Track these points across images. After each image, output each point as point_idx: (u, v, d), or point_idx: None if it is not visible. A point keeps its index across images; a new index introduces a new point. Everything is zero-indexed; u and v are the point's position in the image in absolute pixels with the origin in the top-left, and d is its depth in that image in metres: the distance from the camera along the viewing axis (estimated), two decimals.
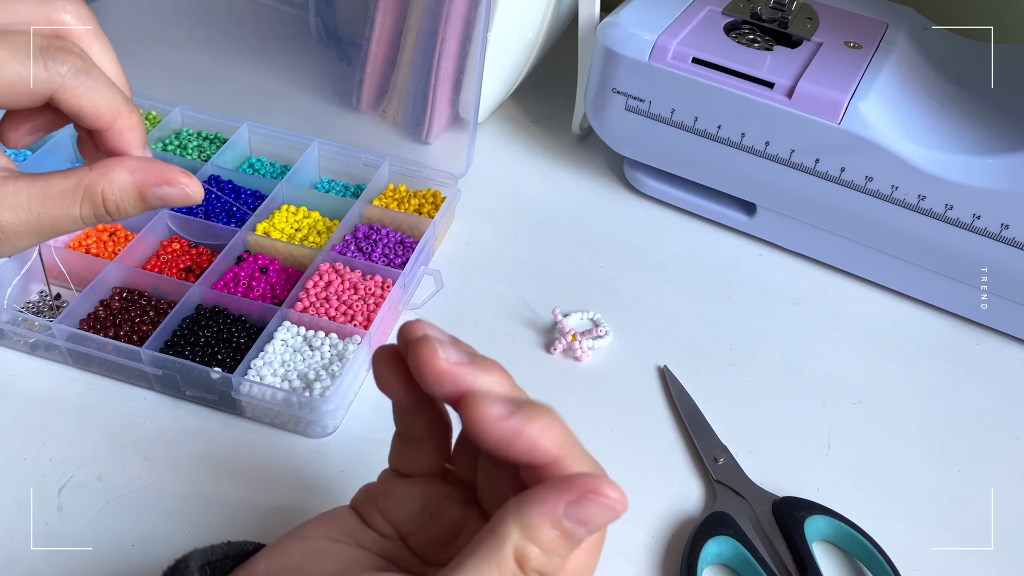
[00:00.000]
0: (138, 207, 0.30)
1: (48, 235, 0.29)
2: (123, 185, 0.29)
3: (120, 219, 0.30)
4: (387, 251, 0.51)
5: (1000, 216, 0.47)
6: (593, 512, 0.23)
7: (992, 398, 0.49)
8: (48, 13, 0.29)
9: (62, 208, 0.29)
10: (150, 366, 0.43)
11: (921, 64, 0.55)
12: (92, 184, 0.29)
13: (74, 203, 0.29)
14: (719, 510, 0.40)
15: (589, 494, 0.23)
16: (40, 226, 0.29)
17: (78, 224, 0.29)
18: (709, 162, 0.55)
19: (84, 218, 0.29)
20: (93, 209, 0.29)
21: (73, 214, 0.29)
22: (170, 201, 0.30)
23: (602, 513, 0.23)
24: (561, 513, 0.23)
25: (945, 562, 0.41)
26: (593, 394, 0.47)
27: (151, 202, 0.30)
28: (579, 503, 0.23)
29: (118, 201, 0.29)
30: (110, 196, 0.29)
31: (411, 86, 0.56)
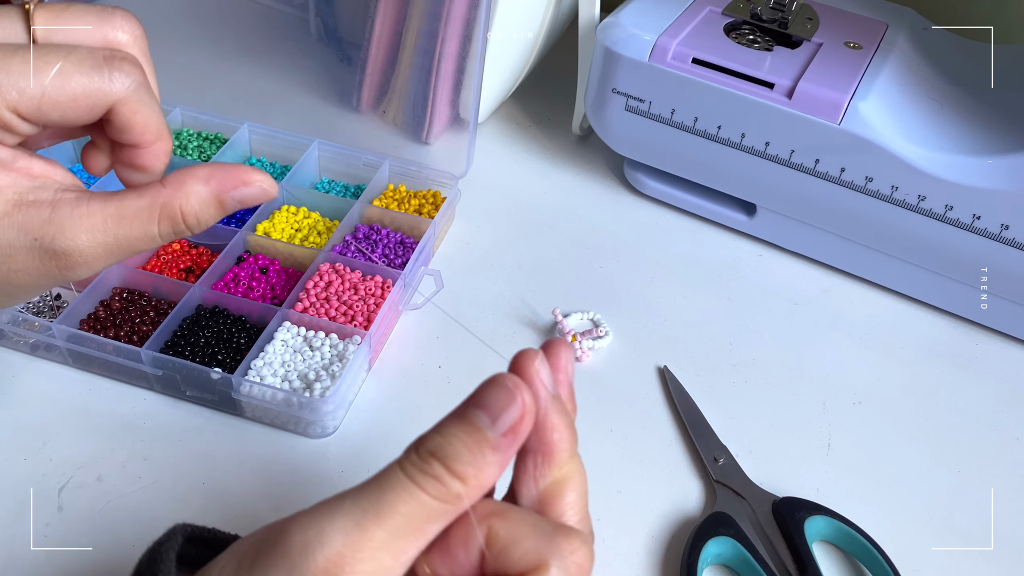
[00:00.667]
0: (217, 215, 0.29)
1: (124, 255, 0.29)
2: (201, 197, 0.29)
3: (199, 231, 0.29)
4: (387, 251, 0.51)
5: (1000, 216, 0.47)
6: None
7: (992, 398, 0.49)
8: (105, 32, 0.29)
9: (139, 228, 0.28)
10: (150, 366, 0.43)
11: (921, 64, 0.55)
12: (168, 201, 0.28)
13: (151, 222, 0.28)
14: (719, 510, 0.40)
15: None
16: (118, 247, 0.28)
17: (156, 242, 0.29)
18: (709, 162, 0.55)
19: (163, 236, 0.29)
20: (172, 226, 0.29)
21: (151, 233, 0.29)
22: (248, 201, 0.30)
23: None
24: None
25: (945, 562, 0.41)
26: (593, 394, 0.47)
27: (229, 207, 0.29)
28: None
29: (198, 214, 0.29)
30: (189, 210, 0.29)
31: (411, 86, 0.56)
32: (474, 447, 0.23)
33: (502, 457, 0.23)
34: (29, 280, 0.28)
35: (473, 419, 0.23)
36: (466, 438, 0.23)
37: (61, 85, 0.27)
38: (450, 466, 0.23)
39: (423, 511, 0.23)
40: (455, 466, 0.23)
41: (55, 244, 0.27)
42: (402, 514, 0.23)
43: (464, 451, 0.23)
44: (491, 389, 0.23)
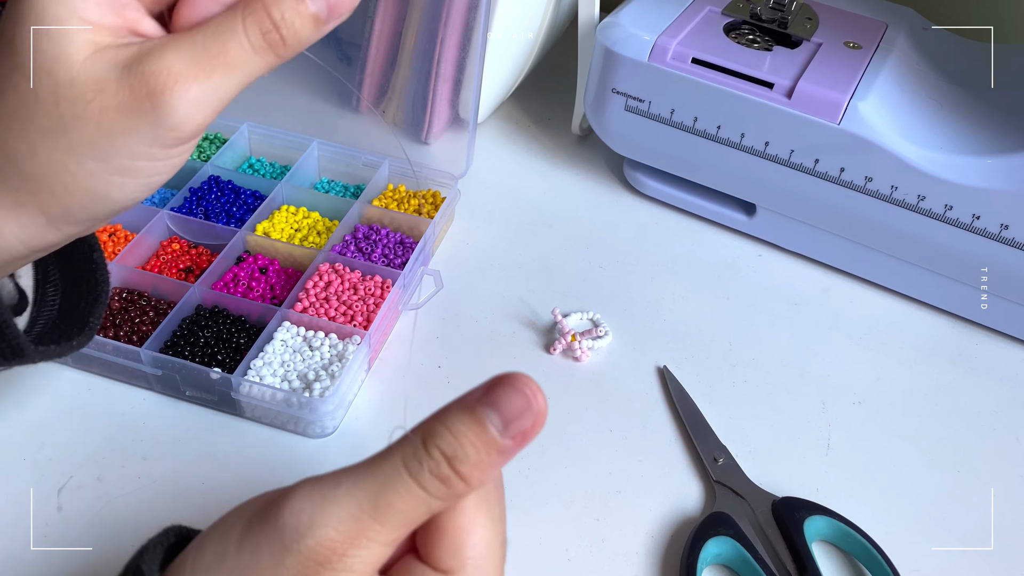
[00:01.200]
0: (304, 14, 0.27)
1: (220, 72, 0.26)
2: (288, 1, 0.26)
3: (289, 39, 0.27)
4: (387, 251, 0.51)
5: (1000, 216, 0.47)
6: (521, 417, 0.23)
7: (992, 398, 0.49)
8: None
9: (226, 32, 0.26)
10: (150, 366, 0.43)
11: (921, 64, 0.55)
12: (251, 1, 0.26)
13: (236, 22, 0.26)
14: (719, 510, 0.40)
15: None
16: (209, 61, 0.26)
17: (247, 50, 0.26)
18: (709, 162, 0.55)
19: (251, 37, 0.26)
20: (258, 23, 0.26)
21: (239, 38, 0.26)
22: (342, 7, 0.27)
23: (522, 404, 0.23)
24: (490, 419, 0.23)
25: (945, 562, 0.41)
26: (593, 394, 0.47)
27: (318, 11, 0.27)
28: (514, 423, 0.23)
29: (283, 11, 0.26)
30: (273, 5, 0.26)
31: (411, 86, 0.56)
32: (483, 449, 0.22)
33: (505, 461, 0.23)
34: (122, 120, 0.26)
35: (484, 420, 0.22)
36: (476, 440, 0.22)
37: None
38: (458, 468, 0.22)
39: (422, 509, 0.23)
40: (463, 468, 0.22)
41: (143, 65, 0.25)
42: (401, 511, 0.23)
43: (473, 453, 0.22)
44: (506, 391, 0.23)
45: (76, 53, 0.25)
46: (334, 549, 0.22)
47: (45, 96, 0.26)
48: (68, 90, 0.26)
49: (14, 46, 0.26)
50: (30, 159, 0.26)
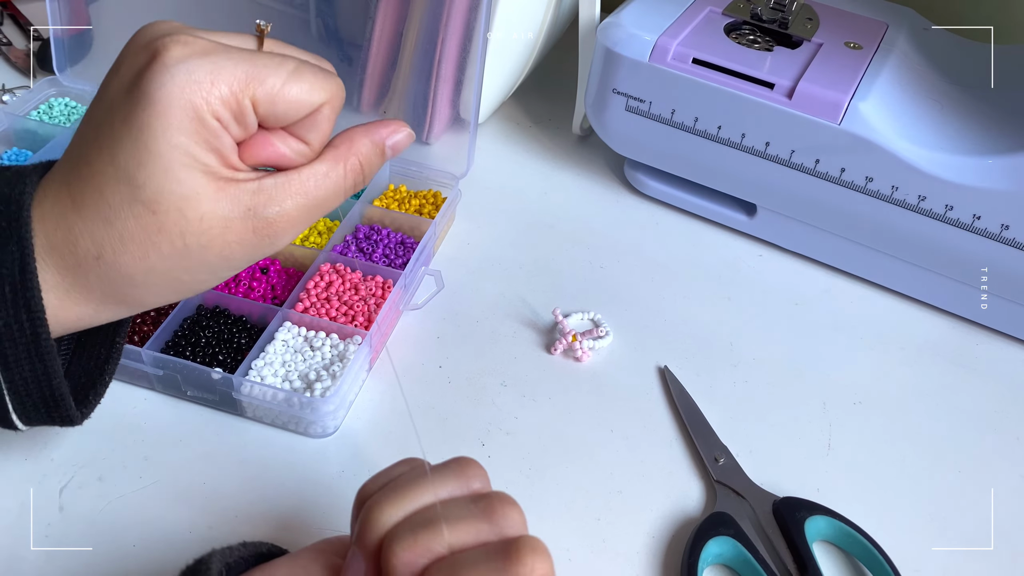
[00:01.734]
0: (381, 163, 0.34)
1: (318, 215, 0.33)
2: (368, 148, 0.34)
3: (369, 179, 0.34)
4: (388, 252, 0.51)
5: (1000, 216, 0.47)
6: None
7: (992, 398, 0.49)
8: None
9: (331, 186, 0.32)
10: (151, 366, 0.43)
11: (921, 65, 0.55)
12: (347, 156, 0.33)
13: (340, 178, 0.33)
14: (719, 510, 0.40)
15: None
16: (316, 207, 0.32)
17: (344, 196, 0.33)
18: (709, 162, 0.55)
19: (347, 188, 0.33)
20: (355, 177, 0.33)
21: (341, 187, 0.33)
22: (400, 145, 0.35)
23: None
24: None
25: (945, 562, 0.41)
26: (593, 395, 0.47)
27: (389, 154, 0.35)
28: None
29: (371, 162, 0.34)
30: (364, 160, 0.33)
31: (412, 87, 0.56)
32: None
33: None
34: (242, 251, 0.31)
35: None
36: None
37: (295, 81, 0.31)
38: None
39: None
40: None
41: (266, 211, 0.31)
42: None
43: None
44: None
45: (203, 192, 0.29)
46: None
47: (171, 228, 0.29)
48: (196, 225, 0.30)
49: (136, 181, 0.29)
50: (146, 275, 0.30)
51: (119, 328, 0.36)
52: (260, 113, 0.31)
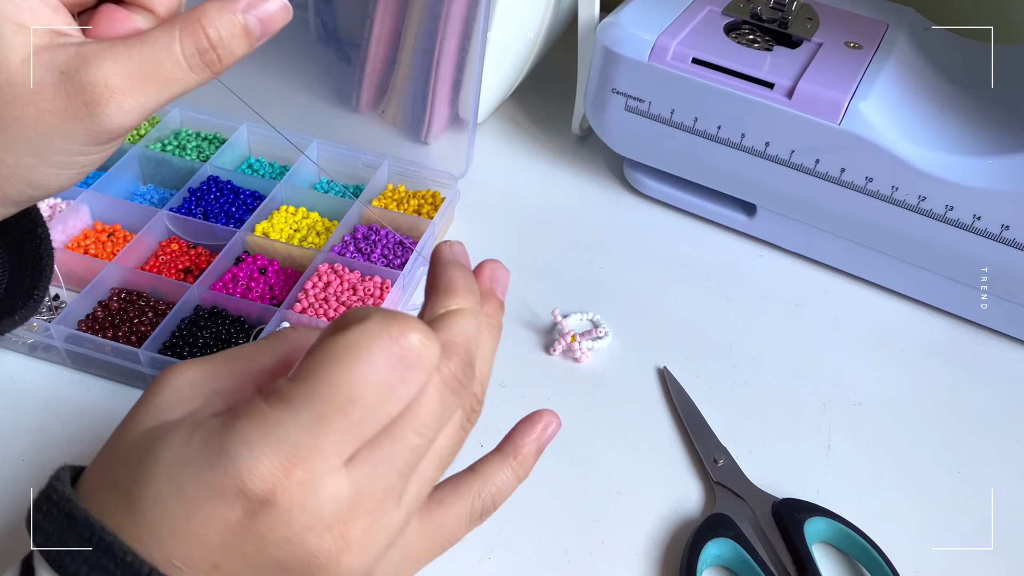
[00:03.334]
0: (241, 36, 0.28)
1: (155, 87, 0.28)
2: (219, 9, 0.28)
3: (224, 57, 0.29)
4: (386, 252, 0.51)
5: (1000, 217, 0.47)
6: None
7: (992, 399, 0.49)
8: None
9: (162, 48, 0.27)
10: (148, 367, 0.43)
11: (921, 64, 0.55)
12: (188, 17, 0.28)
13: (173, 40, 0.28)
14: (719, 512, 0.40)
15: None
16: (144, 74, 0.27)
17: (181, 66, 0.28)
18: (709, 163, 0.55)
19: (187, 55, 0.28)
20: (195, 42, 0.28)
21: (174, 54, 0.27)
22: (271, 22, 0.29)
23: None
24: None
25: (945, 562, 0.41)
26: (592, 395, 0.47)
27: (252, 28, 0.29)
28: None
29: (219, 28, 0.28)
30: (209, 23, 0.28)
31: (410, 86, 0.56)
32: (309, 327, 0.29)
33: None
34: (58, 123, 0.27)
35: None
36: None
37: None
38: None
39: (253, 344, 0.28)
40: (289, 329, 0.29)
41: (80, 75, 0.27)
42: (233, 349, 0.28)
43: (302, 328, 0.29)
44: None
45: (13, 56, 0.26)
46: None
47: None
48: (6, 91, 0.27)
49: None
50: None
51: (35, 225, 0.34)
52: None
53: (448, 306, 0.28)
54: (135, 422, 0.26)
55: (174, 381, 0.27)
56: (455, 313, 0.27)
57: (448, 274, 0.29)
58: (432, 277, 0.29)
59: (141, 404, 0.27)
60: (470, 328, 0.27)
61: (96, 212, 0.52)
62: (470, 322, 0.27)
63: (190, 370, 0.27)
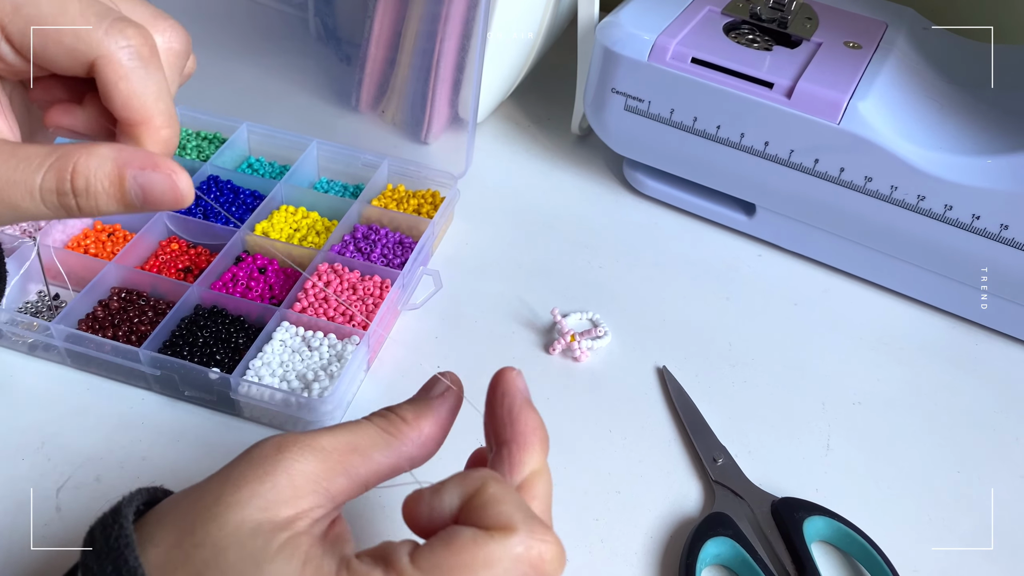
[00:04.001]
0: (113, 193, 0.25)
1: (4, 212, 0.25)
2: (101, 161, 0.25)
3: (85, 209, 0.25)
4: (386, 251, 0.51)
5: (1000, 216, 0.47)
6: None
7: (992, 398, 0.49)
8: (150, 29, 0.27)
9: (22, 172, 0.24)
10: (148, 366, 0.43)
11: (921, 64, 0.55)
12: (67, 153, 0.25)
13: (38, 169, 0.24)
14: (718, 511, 0.40)
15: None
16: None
17: (35, 199, 0.25)
18: (708, 162, 0.55)
19: (43, 190, 0.24)
20: (56, 182, 0.24)
21: (31, 182, 0.24)
22: (152, 192, 0.25)
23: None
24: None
25: (945, 562, 0.41)
26: (592, 395, 0.47)
27: (129, 189, 0.25)
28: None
29: (89, 178, 0.25)
30: (82, 168, 0.25)
31: (410, 86, 0.56)
32: (414, 401, 0.30)
33: (436, 412, 0.29)
34: None
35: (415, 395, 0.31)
36: (410, 400, 0.30)
37: (55, 15, 0.25)
38: (396, 410, 0.29)
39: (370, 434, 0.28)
40: (399, 411, 0.29)
41: None
42: (354, 431, 0.27)
43: (407, 405, 0.30)
44: (428, 380, 0.31)
45: None
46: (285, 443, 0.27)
47: None
48: None
49: None
50: None
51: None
52: (15, 44, 0.25)
53: (532, 465, 0.28)
54: (241, 504, 0.25)
55: (292, 470, 0.25)
56: (539, 477, 0.28)
57: (527, 421, 0.28)
58: (508, 418, 0.29)
59: (252, 483, 0.25)
60: (549, 489, 0.28)
61: None
62: (548, 483, 0.28)
63: (310, 461, 0.26)
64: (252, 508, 0.24)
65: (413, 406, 0.30)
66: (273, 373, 0.43)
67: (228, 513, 0.24)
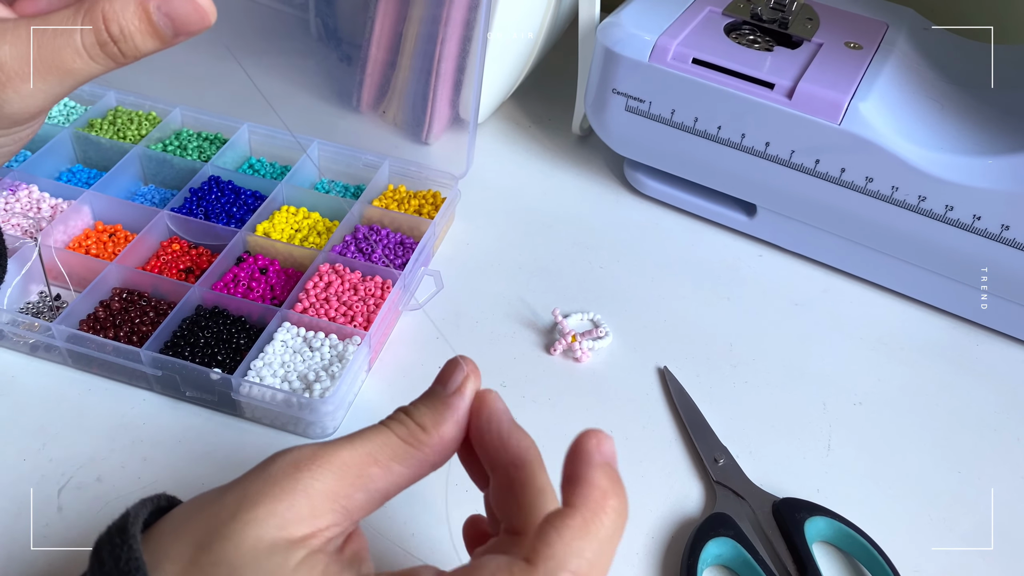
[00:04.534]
0: (144, 29, 0.27)
1: (55, 75, 0.26)
2: (124, 3, 0.26)
3: (128, 52, 0.27)
4: (387, 252, 0.51)
5: (1000, 217, 0.47)
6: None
7: (992, 398, 0.49)
8: None
9: (63, 37, 0.26)
10: (150, 367, 0.43)
11: (921, 64, 0.55)
12: (92, 6, 0.26)
13: (74, 29, 0.26)
14: (719, 511, 0.40)
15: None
16: (42, 60, 0.26)
17: (82, 56, 0.26)
18: (709, 163, 0.55)
19: (87, 46, 0.26)
20: (95, 33, 0.26)
21: (75, 42, 0.26)
22: (178, 17, 0.27)
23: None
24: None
25: (945, 562, 0.41)
26: (593, 395, 0.47)
27: (157, 21, 0.27)
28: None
29: (121, 20, 0.26)
30: (111, 16, 0.26)
31: (411, 86, 0.56)
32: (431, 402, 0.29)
33: (455, 414, 0.28)
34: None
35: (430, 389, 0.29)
36: (426, 399, 0.29)
37: None
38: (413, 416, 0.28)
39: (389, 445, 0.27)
40: (417, 416, 0.28)
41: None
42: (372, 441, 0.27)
43: (424, 408, 0.29)
44: (444, 367, 0.30)
45: None
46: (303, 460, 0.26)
47: None
48: None
49: None
50: None
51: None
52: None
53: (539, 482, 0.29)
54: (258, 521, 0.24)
55: (310, 490, 0.25)
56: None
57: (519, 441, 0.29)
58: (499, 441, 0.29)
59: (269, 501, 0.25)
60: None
61: (97, 212, 0.52)
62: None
63: (328, 480, 0.25)
64: (269, 526, 0.24)
65: (431, 410, 0.29)
66: (274, 374, 0.43)
67: (245, 530, 0.24)
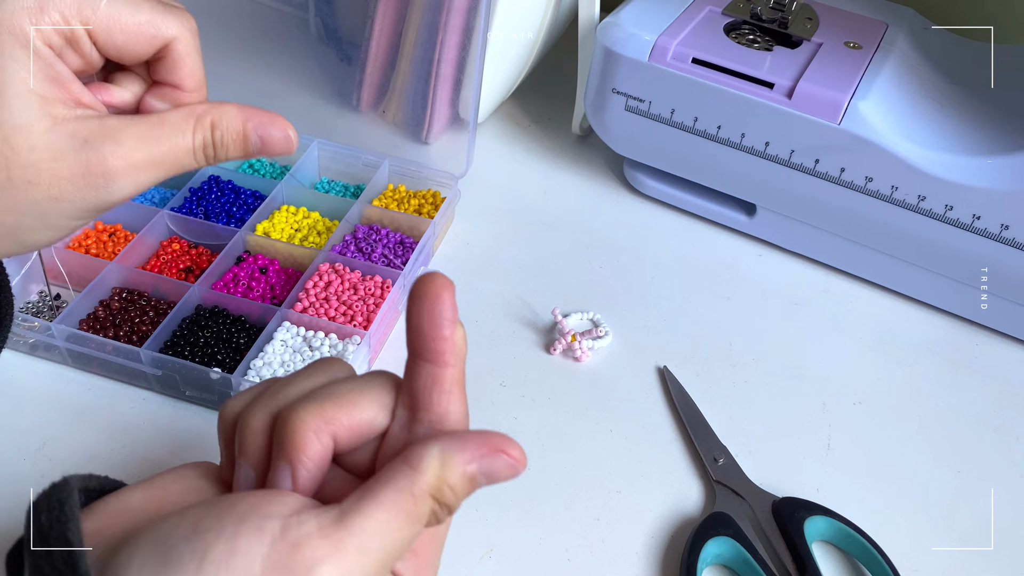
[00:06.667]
0: (241, 145, 0.31)
1: (165, 167, 0.30)
2: (232, 117, 0.30)
3: (219, 157, 0.31)
4: (387, 251, 0.51)
5: (1000, 217, 0.47)
6: (499, 467, 0.25)
7: (992, 398, 0.49)
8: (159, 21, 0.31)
9: (177, 135, 0.30)
10: (149, 366, 0.43)
11: (921, 64, 0.55)
12: (204, 113, 0.30)
13: (188, 130, 0.30)
14: (719, 511, 0.40)
15: (500, 452, 0.25)
16: (159, 155, 0.29)
17: (190, 155, 0.30)
18: (709, 162, 0.55)
19: (196, 147, 0.30)
20: (203, 137, 0.30)
21: (187, 142, 0.30)
22: (270, 143, 0.31)
23: (505, 470, 0.26)
24: (474, 461, 0.25)
25: (945, 562, 0.41)
26: (593, 395, 0.47)
27: (251, 142, 0.31)
28: (491, 456, 0.25)
29: (223, 133, 0.30)
30: (218, 123, 0.30)
31: (411, 86, 0.56)
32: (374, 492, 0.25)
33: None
34: (72, 190, 0.28)
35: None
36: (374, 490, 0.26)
37: (132, 11, 0.29)
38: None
39: None
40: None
41: (104, 147, 0.28)
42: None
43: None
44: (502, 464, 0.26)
45: (38, 124, 0.27)
46: None
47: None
48: (25, 156, 0.27)
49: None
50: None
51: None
52: (98, 43, 0.29)
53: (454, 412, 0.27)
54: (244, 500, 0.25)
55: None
56: None
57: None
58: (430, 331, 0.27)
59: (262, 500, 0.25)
60: None
61: None
62: None
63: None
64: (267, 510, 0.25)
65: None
66: (274, 373, 0.43)
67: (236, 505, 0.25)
